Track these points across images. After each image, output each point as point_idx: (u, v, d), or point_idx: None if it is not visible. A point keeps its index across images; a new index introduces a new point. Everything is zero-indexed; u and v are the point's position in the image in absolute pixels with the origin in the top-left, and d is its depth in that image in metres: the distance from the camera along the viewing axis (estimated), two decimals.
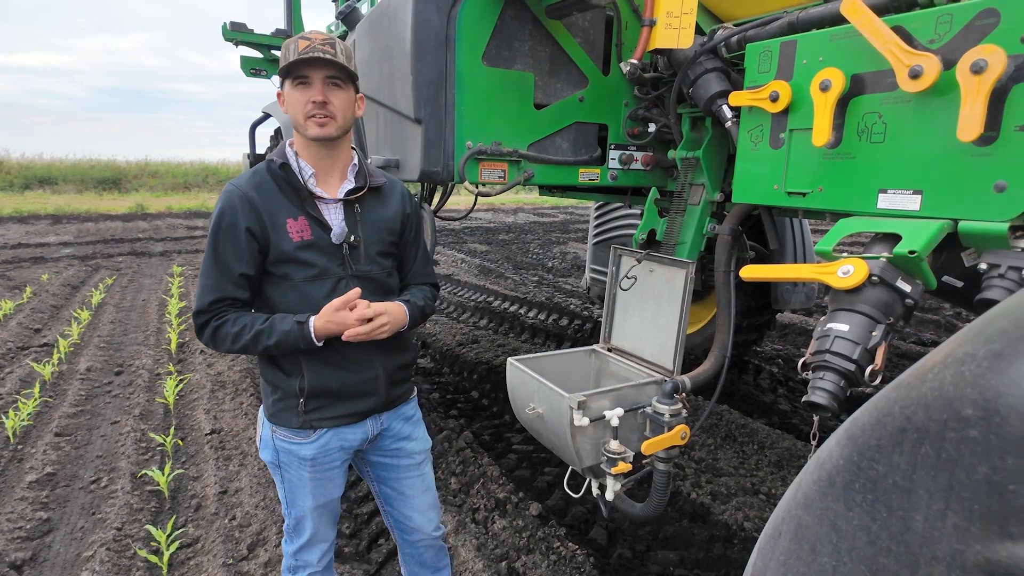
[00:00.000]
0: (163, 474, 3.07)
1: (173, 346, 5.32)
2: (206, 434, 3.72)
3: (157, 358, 5.17)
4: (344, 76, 1.54)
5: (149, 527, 2.68)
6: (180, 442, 3.63)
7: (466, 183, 2.29)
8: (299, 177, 1.58)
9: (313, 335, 1.53)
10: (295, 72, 1.50)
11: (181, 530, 2.77)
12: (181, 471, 3.28)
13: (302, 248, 1.56)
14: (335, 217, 1.61)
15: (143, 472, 3.23)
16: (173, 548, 2.58)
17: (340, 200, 1.62)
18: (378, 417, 1.75)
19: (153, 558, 2.50)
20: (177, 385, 4.35)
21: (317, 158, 1.60)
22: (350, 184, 1.64)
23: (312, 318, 1.53)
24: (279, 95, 1.61)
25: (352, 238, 1.61)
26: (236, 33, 4.96)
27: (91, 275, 8.67)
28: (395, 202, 1.74)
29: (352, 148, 1.70)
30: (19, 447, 3.55)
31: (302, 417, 1.62)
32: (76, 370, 4.80)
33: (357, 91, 1.62)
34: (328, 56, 1.47)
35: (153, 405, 4.20)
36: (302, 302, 1.58)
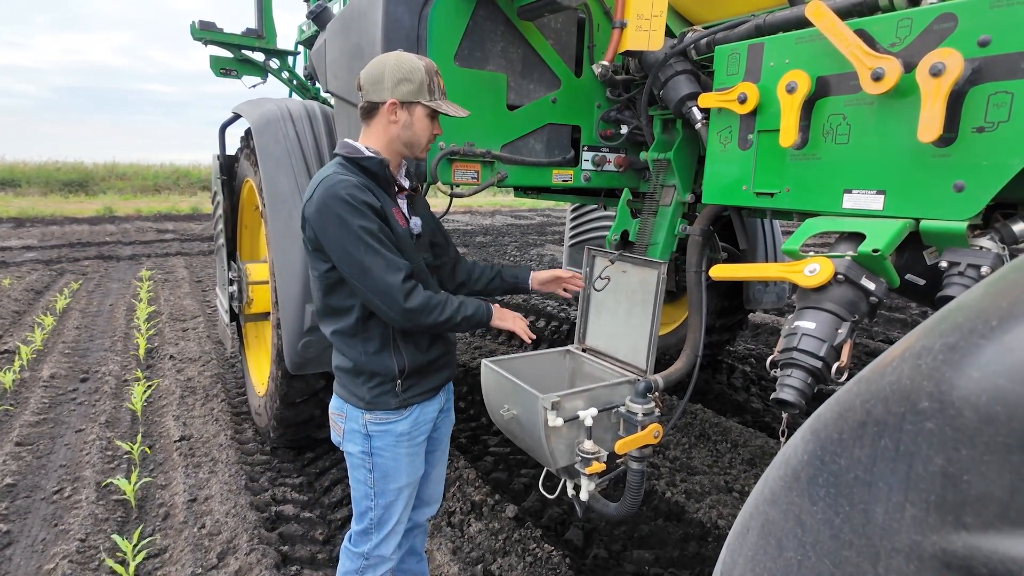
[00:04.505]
0: (130, 483, 3.00)
1: (141, 352, 5.19)
2: (175, 441, 3.63)
3: (125, 364, 5.04)
4: None
5: (115, 537, 2.61)
6: (148, 450, 3.54)
7: (439, 183, 2.27)
8: (393, 174, 1.74)
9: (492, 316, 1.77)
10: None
11: (148, 539, 2.70)
12: (149, 479, 3.20)
13: (404, 235, 1.71)
14: (407, 211, 1.80)
15: (109, 481, 3.15)
16: (140, 558, 2.51)
17: (406, 195, 1.81)
18: (445, 390, 1.96)
19: (119, 568, 2.43)
20: (145, 391, 4.25)
21: (394, 161, 1.77)
22: (407, 182, 1.82)
23: (493, 306, 1.78)
24: (393, 105, 1.68)
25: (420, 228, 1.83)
26: (205, 32, 4.87)
27: (56, 280, 8.43)
28: (423, 200, 1.97)
29: None
30: None
31: (400, 397, 1.75)
32: (39, 377, 4.66)
33: None
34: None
35: (120, 412, 4.09)
36: None
